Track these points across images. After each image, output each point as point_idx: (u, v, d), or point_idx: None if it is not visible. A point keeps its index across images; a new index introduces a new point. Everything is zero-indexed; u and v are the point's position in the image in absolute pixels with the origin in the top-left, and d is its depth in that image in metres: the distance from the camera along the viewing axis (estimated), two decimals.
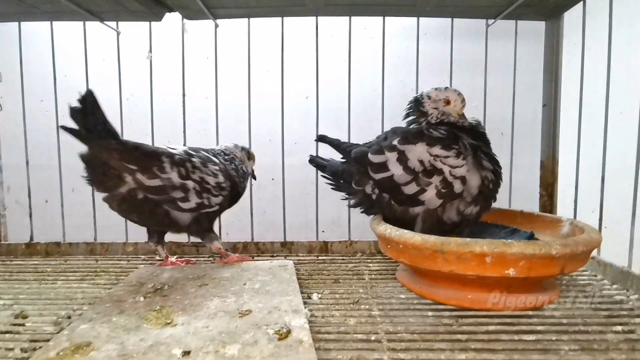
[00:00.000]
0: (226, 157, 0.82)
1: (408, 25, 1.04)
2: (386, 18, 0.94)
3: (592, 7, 0.83)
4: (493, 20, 0.94)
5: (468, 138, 0.71)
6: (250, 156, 0.87)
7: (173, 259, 0.81)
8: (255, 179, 0.89)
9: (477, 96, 0.95)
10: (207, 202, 0.75)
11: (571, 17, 0.92)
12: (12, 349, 0.50)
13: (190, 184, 0.72)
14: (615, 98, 0.76)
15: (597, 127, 0.78)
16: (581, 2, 0.83)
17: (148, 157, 0.71)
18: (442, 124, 0.74)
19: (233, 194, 0.80)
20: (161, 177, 0.70)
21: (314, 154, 0.91)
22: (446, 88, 0.75)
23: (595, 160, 0.78)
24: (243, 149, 0.86)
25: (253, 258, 0.83)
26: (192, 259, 0.84)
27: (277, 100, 0.94)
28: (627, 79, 0.80)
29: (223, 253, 0.81)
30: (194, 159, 0.75)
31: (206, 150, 0.81)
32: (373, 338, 0.52)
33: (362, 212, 0.78)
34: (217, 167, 0.77)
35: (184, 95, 0.94)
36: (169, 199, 0.72)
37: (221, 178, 0.76)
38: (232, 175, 0.80)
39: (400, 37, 1.07)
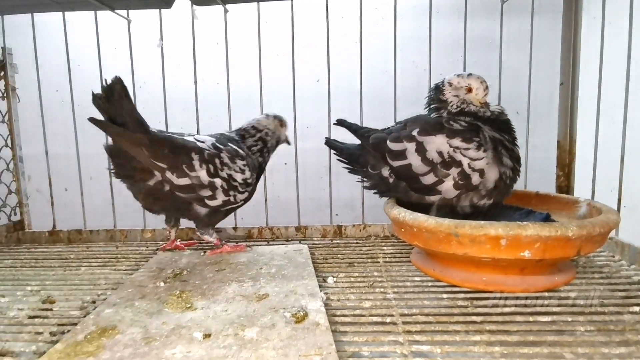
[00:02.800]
0: (256, 134, 0.81)
1: (420, 4, 1.02)
2: None
3: None
4: None
5: (490, 130, 0.70)
6: (282, 123, 0.85)
7: (178, 242, 0.83)
8: (289, 144, 0.89)
9: (492, 75, 0.93)
10: (232, 199, 0.74)
11: None
12: (41, 333, 0.52)
13: (218, 182, 0.71)
14: (636, 74, 0.74)
15: (616, 104, 0.76)
16: None
17: (177, 154, 0.68)
18: (463, 113, 0.72)
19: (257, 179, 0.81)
20: (190, 176, 0.69)
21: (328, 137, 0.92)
22: (469, 75, 0.72)
23: (614, 138, 0.76)
24: (275, 117, 0.84)
25: (250, 247, 0.81)
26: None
27: (288, 84, 0.94)
28: None
29: (217, 243, 0.79)
30: (222, 155, 0.73)
31: (231, 139, 0.78)
32: (388, 320, 0.52)
33: (375, 194, 0.78)
34: (244, 162, 0.75)
35: (195, 81, 0.94)
36: (197, 197, 0.71)
37: (247, 174, 0.75)
38: (260, 162, 0.81)
39: (412, 17, 1.05)
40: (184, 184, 0.69)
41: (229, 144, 0.76)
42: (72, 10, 0.93)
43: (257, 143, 0.81)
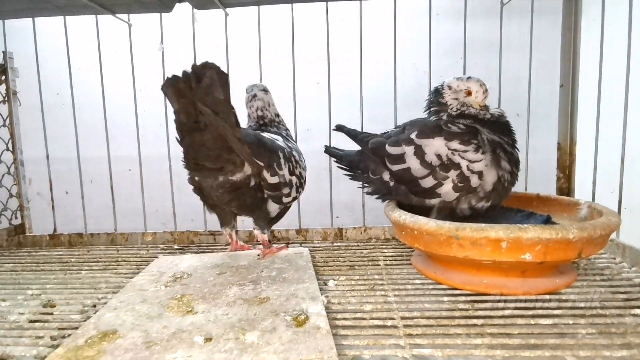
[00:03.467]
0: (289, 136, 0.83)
1: (420, 7, 1.02)
2: (397, 0, 0.92)
3: None
4: None
5: (490, 133, 0.70)
6: None
7: (242, 243, 0.82)
8: None
9: (492, 77, 0.93)
10: (298, 195, 0.76)
11: None
12: (42, 337, 0.52)
13: (294, 179, 0.73)
14: (636, 76, 0.74)
15: (616, 106, 0.76)
16: None
17: (271, 153, 0.69)
18: (463, 115, 0.72)
19: None
20: (279, 174, 0.70)
21: (327, 141, 0.92)
22: (468, 78, 0.72)
23: (615, 140, 0.76)
24: None
25: (287, 246, 0.81)
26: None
27: (288, 87, 0.94)
28: None
29: (266, 244, 0.78)
30: (294, 153, 0.75)
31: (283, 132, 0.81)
32: (389, 324, 0.52)
33: (377, 199, 0.78)
34: (303, 160, 0.79)
35: None
36: (279, 195, 0.71)
37: (305, 171, 0.79)
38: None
39: (412, 19, 1.05)
40: (274, 182, 0.69)
41: (292, 141, 0.80)
42: (73, 14, 0.94)
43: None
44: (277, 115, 0.84)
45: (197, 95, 0.55)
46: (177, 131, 0.62)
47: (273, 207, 0.73)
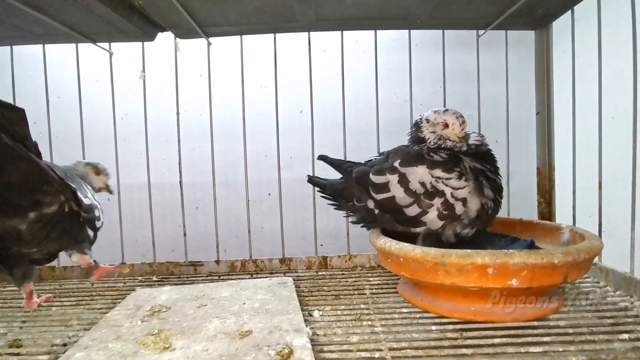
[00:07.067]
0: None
1: (399, 38, 1.05)
2: (378, 31, 0.95)
3: (580, 15, 0.84)
4: (483, 31, 0.95)
5: (471, 161, 0.70)
6: (98, 171, 0.80)
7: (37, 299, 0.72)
8: (111, 193, 0.83)
9: (470, 105, 0.96)
10: (102, 222, 0.73)
11: (559, 25, 0.93)
12: None
13: (98, 203, 0.70)
14: (607, 103, 0.77)
15: (591, 132, 0.79)
16: (569, 11, 0.84)
17: (67, 178, 0.64)
18: (440, 149, 0.72)
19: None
20: (87, 197, 0.68)
21: (310, 169, 0.91)
22: (445, 110, 0.72)
23: (591, 165, 0.78)
24: (87, 164, 0.79)
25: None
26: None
27: (271, 116, 0.94)
28: (617, 83, 0.81)
29: (92, 266, 0.70)
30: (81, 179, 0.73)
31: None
32: (377, 355, 0.50)
33: (362, 227, 0.77)
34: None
35: (178, 113, 0.94)
36: (94, 217, 0.68)
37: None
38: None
39: (392, 50, 1.08)
40: (88, 203, 0.67)
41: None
42: (53, 42, 0.93)
43: None
44: None
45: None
46: None
47: (90, 233, 0.69)
